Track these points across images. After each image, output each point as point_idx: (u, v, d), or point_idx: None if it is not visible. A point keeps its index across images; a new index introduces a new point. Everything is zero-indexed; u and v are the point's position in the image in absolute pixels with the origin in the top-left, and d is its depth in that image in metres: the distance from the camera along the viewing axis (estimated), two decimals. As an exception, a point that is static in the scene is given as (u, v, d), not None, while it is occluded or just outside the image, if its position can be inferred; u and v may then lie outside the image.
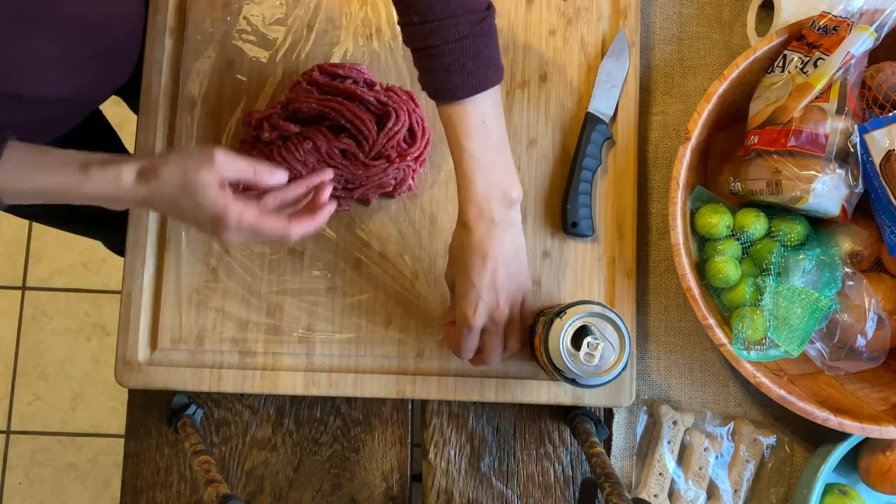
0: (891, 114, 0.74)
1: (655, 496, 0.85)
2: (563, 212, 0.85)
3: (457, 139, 0.72)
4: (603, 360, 0.71)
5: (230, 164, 0.70)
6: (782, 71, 0.80)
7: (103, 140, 1.12)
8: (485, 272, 0.72)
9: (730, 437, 0.87)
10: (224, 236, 0.71)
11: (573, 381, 0.73)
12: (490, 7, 0.71)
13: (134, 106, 0.96)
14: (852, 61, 0.76)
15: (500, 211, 0.72)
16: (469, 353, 0.77)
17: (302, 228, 0.72)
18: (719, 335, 0.77)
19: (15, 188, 0.68)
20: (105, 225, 1.19)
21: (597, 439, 0.80)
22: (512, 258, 0.74)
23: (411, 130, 0.84)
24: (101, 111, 1.11)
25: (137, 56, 0.86)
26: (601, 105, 0.87)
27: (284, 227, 0.72)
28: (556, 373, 0.73)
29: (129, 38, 0.82)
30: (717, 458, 0.86)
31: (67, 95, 0.75)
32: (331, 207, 0.75)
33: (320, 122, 0.82)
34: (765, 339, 0.78)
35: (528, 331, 0.84)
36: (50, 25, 0.65)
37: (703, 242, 0.83)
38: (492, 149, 0.72)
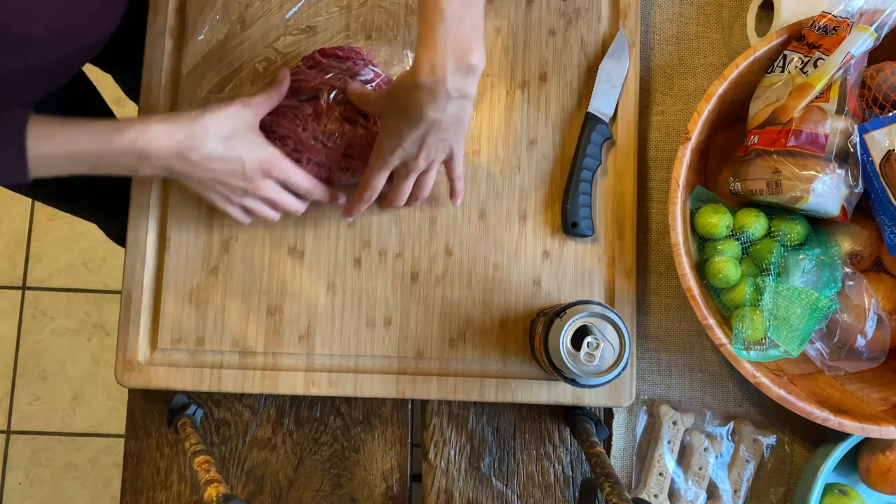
0: (891, 114, 0.74)
1: (655, 496, 0.85)
2: (563, 212, 0.85)
3: None
4: (603, 360, 0.71)
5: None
6: (782, 71, 0.80)
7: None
8: (415, 130, 0.71)
9: (730, 437, 0.87)
10: (258, 186, 0.76)
11: (573, 381, 0.73)
12: None
13: (135, 99, 0.96)
14: (852, 61, 0.76)
15: (454, 77, 0.67)
16: (371, 193, 0.79)
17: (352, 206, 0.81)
18: (719, 335, 0.77)
19: (46, 151, 0.69)
20: (104, 206, 1.18)
21: (597, 439, 0.80)
22: (448, 125, 0.71)
23: None
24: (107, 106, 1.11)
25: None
26: (601, 105, 0.87)
27: (323, 191, 0.80)
28: (556, 373, 0.73)
29: None
30: (717, 458, 0.86)
31: (65, 28, 0.74)
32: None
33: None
34: (765, 339, 0.78)
35: (528, 331, 0.84)
36: None
37: (703, 242, 0.84)
38: (460, 3, 0.67)
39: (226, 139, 0.73)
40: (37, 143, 0.68)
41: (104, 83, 1.21)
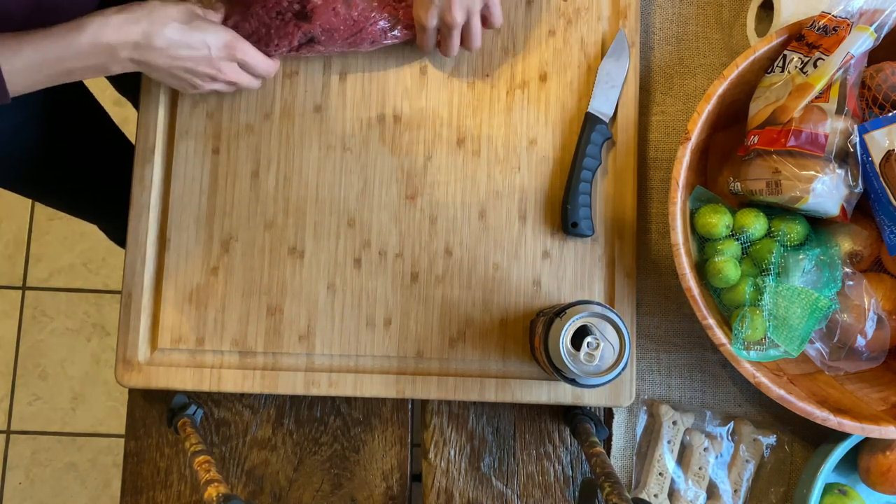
0: (890, 114, 0.74)
1: (655, 496, 0.85)
2: (563, 212, 0.85)
3: None
4: (603, 360, 0.71)
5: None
6: (782, 71, 0.80)
7: (110, 138, 1.13)
8: None
9: (730, 437, 0.87)
10: (225, 71, 0.78)
11: (573, 381, 0.73)
12: None
13: (136, 104, 0.96)
14: (852, 61, 0.76)
15: None
16: (429, 48, 0.85)
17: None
18: (719, 335, 0.77)
19: (18, 64, 0.70)
20: (104, 208, 1.18)
21: (597, 439, 0.80)
22: None
23: None
24: (103, 109, 1.11)
25: None
26: (601, 105, 0.87)
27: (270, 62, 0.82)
28: (556, 373, 0.73)
29: None
30: (716, 458, 0.86)
31: None
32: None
33: None
34: (765, 339, 0.78)
35: (528, 331, 0.84)
36: None
37: (703, 242, 0.84)
38: None
39: (186, 24, 0.75)
40: (7, 58, 0.69)
41: (104, 84, 1.21)
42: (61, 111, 0.98)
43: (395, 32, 0.85)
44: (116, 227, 1.26)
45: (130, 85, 0.92)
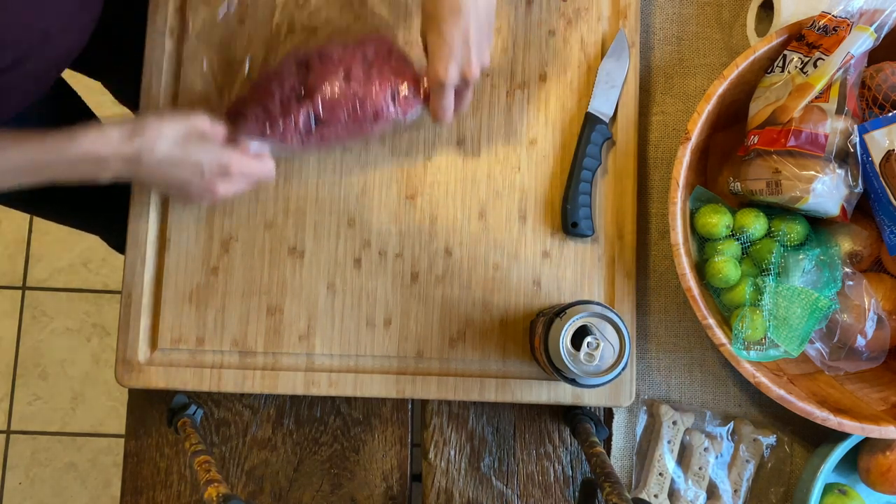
0: (890, 114, 0.75)
1: (655, 496, 0.85)
2: (563, 212, 0.85)
3: None
4: (603, 360, 0.71)
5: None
6: (782, 71, 0.80)
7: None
8: (457, 28, 0.71)
9: (730, 437, 0.87)
10: (219, 189, 0.76)
11: (573, 381, 0.73)
12: None
13: (134, 106, 0.96)
14: (852, 61, 0.76)
15: None
16: (448, 114, 0.77)
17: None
18: (719, 335, 0.77)
19: (1, 165, 0.69)
20: (104, 219, 1.18)
21: (597, 439, 0.80)
22: (484, 12, 0.72)
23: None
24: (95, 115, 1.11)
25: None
26: (601, 105, 0.87)
27: (268, 167, 0.79)
28: (556, 373, 0.73)
29: None
30: (716, 458, 0.86)
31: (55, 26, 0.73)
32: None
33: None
34: (764, 339, 0.78)
35: (528, 331, 0.84)
36: None
37: (702, 242, 0.84)
38: None
39: (179, 143, 0.73)
40: None
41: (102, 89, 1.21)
42: (59, 123, 0.98)
43: (403, 95, 0.79)
44: (115, 234, 1.25)
45: (131, 94, 0.91)
